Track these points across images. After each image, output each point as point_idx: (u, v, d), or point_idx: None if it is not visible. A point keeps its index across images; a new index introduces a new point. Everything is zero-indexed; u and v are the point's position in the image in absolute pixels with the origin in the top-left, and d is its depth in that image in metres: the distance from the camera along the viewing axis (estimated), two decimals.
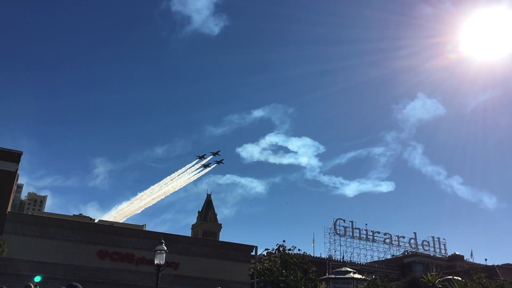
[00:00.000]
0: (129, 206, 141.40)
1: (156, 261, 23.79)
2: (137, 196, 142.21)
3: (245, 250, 51.47)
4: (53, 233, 42.23)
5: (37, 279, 33.03)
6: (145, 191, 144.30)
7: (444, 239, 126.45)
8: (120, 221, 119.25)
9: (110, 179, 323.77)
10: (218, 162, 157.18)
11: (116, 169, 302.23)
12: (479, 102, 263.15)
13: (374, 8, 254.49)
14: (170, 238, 41.30)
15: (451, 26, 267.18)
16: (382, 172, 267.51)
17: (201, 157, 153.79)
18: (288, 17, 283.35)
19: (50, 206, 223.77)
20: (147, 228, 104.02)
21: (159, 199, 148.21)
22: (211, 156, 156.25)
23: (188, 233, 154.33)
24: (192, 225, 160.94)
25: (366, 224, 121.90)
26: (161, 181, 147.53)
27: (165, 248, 23.88)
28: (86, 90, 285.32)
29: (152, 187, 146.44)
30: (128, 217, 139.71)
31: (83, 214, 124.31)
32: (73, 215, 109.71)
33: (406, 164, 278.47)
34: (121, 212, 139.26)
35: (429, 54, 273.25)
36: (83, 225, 49.66)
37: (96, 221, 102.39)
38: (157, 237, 31.79)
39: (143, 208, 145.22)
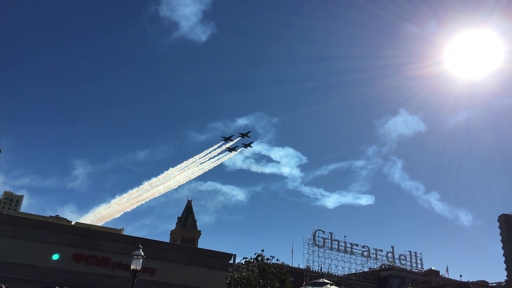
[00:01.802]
0: (107, 209, 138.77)
1: (132, 267, 23.48)
2: (115, 200, 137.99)
3: (223, 258, 51.13)
4: (28, 234, 41.31)
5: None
6: (133, 190, 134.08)
7: (420, 254, 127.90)
8: (99, 224, 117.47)
9: (89, 181, 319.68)
10: (246, 145, 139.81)
11: (96, 172, 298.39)
12: (458, 120, 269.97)
13: (359, 27, 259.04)
14: (148, 244, 40.82)
15: (435, 45, 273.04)
16: (363, 185, 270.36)
17: (228, 139, 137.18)
18: (276, 33, 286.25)
19: (26, 206, 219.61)
20: (125, 233, 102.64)
21: (165, 191, 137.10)
22: (239, 138, 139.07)
23: (166, 239, 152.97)
24: (171, 231, 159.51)
25: (345, 236, 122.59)
26: (178, 166, 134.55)
27: (142, 254, 23.61)
28: (70, 90, 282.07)
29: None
30: (107, 220, 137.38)
31: (60, 216, 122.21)
32: (50, 216, 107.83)
33: (386, 178, 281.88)
34: (99, 216, 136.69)
35: (412, 72, 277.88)
36: (59, 227, 48.69)
37: (72, 223, 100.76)
38: (134, 242, 31.44)
39: (144, 202, 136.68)
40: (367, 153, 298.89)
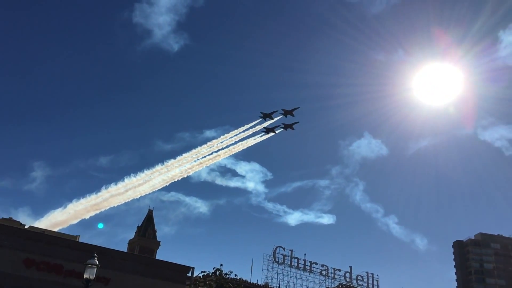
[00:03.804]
0: (63, 215, 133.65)
1: (85, 275, 22.89)
2: (71, 205, 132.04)
3: (181, 271, 50.38)
4: None
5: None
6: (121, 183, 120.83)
7: (377, 275, 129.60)
8: (54, 230, 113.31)
9: (47, 184, 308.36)
10: (287, 127, 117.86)
11: (55, 175, 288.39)
12: (419, 147, 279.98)
13: (330, 55, 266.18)
14: (103, 252, 39.82)
15: (402, 74, 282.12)
16: (325, 204, 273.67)
17: (267, 116, 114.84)
18: (246, 59, 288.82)
19: None
20: (81, 240, 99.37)
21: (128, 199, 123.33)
22: (280, 117, 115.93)
23: (124, 248, 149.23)
24: (129, 240, 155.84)
25: (305, 254, 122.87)
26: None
27: (97, 263, 23.04)
28: (32, 91, 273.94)
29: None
30: (64, 227, 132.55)
31: (13, 218, 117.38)
32: (2, 218, 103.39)
33: (348, 199, 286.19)
34: (55, 221, 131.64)
35: (379, 97, 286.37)
36: (11, 229, 46.86)
37: (26, 227, 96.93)
38: (90, 250, 30.60)
39: (103, 210, 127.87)
40: (331, 173, 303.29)
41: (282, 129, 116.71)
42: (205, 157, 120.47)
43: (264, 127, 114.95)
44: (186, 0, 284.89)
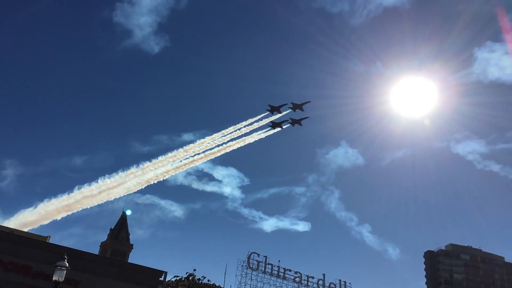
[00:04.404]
0: (34, 215, 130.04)
1: (54, 278, 22.41)
2: (42, 205, 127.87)
3: (153, 275, 49.78)
4: None
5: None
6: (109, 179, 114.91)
7: (350, 283, 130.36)
8: (24, 230, 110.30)
9: (18, 183, 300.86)
10: (294, 122, 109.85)
11: (27, 174, 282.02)
12: (394, 158, 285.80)
13: (310, 68, 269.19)
14: (74, 254, 39.08)
15: (380, 85, 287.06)
16: (301, 211, 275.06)
17: (275, 110, 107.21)
18: (227, 66, 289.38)
19: None
20: (52, 241, 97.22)
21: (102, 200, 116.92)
22: (289, 111, 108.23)
23: (96, 250, 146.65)
24: (102, 242, 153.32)
25: (279, 261, 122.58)
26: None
27: (67, 265, 22.58)
28: (6, 88, 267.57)
29: (102, 182, 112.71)
30: (34, 227, 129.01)
31: None
32: None
33: (323, 207, 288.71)
34: (25, 221, 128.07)
35: (357, 108, 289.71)
36: None
37: None
38: (60, 252, 29.95)
39: (75, 211, 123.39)
40: (307, 180, 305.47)
41: (290, 124, 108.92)
42: (196, 154, 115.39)
43: (270, 122, 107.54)
44: (169, 2, 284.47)
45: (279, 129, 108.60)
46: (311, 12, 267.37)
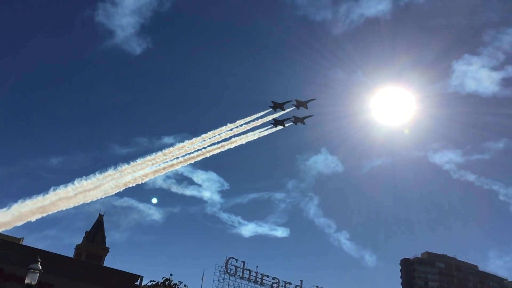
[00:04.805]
0: (7, 215, 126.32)
1: (27, 281, 21.82)
2: (15, 206, 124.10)
3: (129, 279, 48.92)
4: None
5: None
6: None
7: None
8: None
9: None
10: (297, 121, 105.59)
11: (1, 174, 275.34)
12: (373, 166, 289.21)
13: (288, 76, 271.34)
14: (48, 257, 38.13)
15: (361, 94, 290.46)
16: (280, 217, 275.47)
17: (278, 107, 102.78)
18: (207, 70, 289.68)
19: None
20: (25, 243, 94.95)
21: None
22: (292, 108, 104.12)
23: (70, 253, 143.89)
24: (77, 245, 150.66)
25: (257, 266, 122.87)
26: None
27: (40, 268, 22.00)
28: None
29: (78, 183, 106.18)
30: (7, 228, 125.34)
31: None
32: None
33: (302, 213, 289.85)
34: None
35: (338, 116, 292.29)
36: None
37: None
38: (33, 254, 29.19)
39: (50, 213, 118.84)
40: (287, 186, 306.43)
41: (292, 122, 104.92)
42: (176, 158, 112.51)
43: (272, 119, 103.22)
44: (152, 4, 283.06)
45: (281, 127, 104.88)
46: (294, 20, 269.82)
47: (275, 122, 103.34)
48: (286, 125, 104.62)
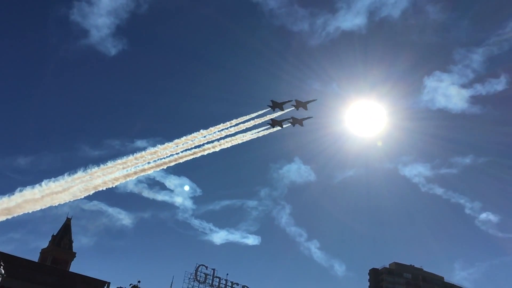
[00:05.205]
0: None
1: None
2: None
3: (95, 285, 48.06)
4: None
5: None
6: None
7: None
8: None
9: None
10: (295, 122, 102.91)
11: None
12: (344, 176, 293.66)
13: (263, 87, 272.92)
14: (11, 260, 37.05)
15: (334, 106, 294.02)
16: (252, 225, 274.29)
17: (277, 106, 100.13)
18: (183, 74, 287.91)
19: None
20: None
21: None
22: (291, 109, 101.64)
23: (35, 258, 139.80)
24: (42, 249, 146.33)
25: (227, 274, 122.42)
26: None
27: (3, 272, 21.28)
28: None
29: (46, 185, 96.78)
30: None
31: None
32: None
33: (274, 221, 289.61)
34: None
35: (312, 128, 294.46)
36: None
37: None
38: None
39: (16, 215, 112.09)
40: (259, 194, 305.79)
41: (290, 123, 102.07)
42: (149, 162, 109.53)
43: (270, 119, 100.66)
44: (129, 5, 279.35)
45: (279, 128, 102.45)
46: (272, 29, 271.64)
47: (273, 123, 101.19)
48: (284, 126, 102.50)
